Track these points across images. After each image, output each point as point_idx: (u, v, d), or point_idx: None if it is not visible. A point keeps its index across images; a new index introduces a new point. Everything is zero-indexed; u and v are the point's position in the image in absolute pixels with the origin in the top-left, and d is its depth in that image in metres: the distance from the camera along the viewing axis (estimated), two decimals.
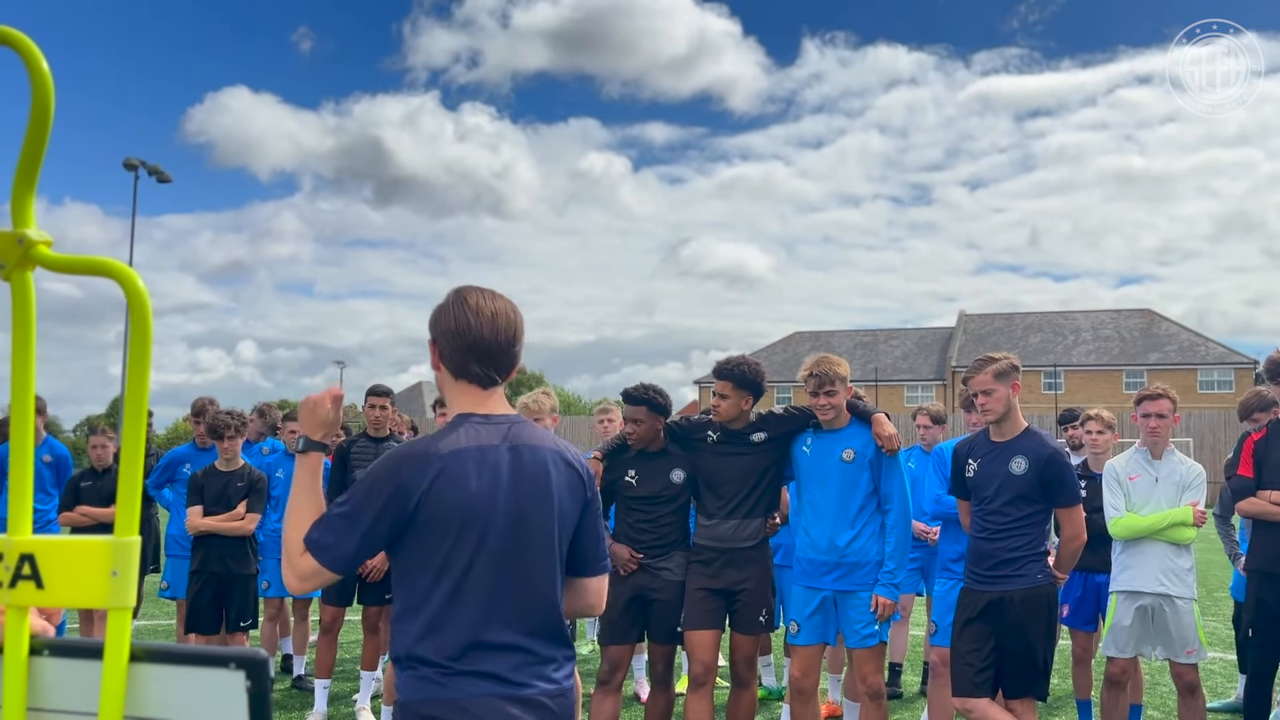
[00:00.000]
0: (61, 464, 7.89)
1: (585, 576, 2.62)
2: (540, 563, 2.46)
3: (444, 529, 2.38)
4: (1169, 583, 5.45)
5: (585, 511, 2.58)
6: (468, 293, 2.54)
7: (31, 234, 1.13)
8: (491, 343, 2.49)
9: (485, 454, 2.43)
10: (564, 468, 2.54)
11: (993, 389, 4.83)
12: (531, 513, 2.45)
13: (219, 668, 1.18)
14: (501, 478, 2.43)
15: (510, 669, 2.38)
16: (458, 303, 2.51)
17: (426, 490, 2.36)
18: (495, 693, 2.35)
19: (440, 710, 2.33)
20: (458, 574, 2.38)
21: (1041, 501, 4.79)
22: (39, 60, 1.10)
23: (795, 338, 69.13)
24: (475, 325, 2.48)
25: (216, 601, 6.47)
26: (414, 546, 2.40)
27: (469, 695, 2.33)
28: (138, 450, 1.14)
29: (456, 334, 2.49)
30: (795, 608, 5.21)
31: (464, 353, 2.49)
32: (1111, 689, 5.68)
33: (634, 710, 6.93)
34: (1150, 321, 63.85)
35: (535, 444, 2.51)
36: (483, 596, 2.38)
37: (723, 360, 5.26)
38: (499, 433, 2.48)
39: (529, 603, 2.44)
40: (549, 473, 2.49)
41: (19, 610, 1.19)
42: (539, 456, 2.49)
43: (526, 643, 2.41)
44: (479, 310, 2.49)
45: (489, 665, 2.36)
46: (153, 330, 1.13)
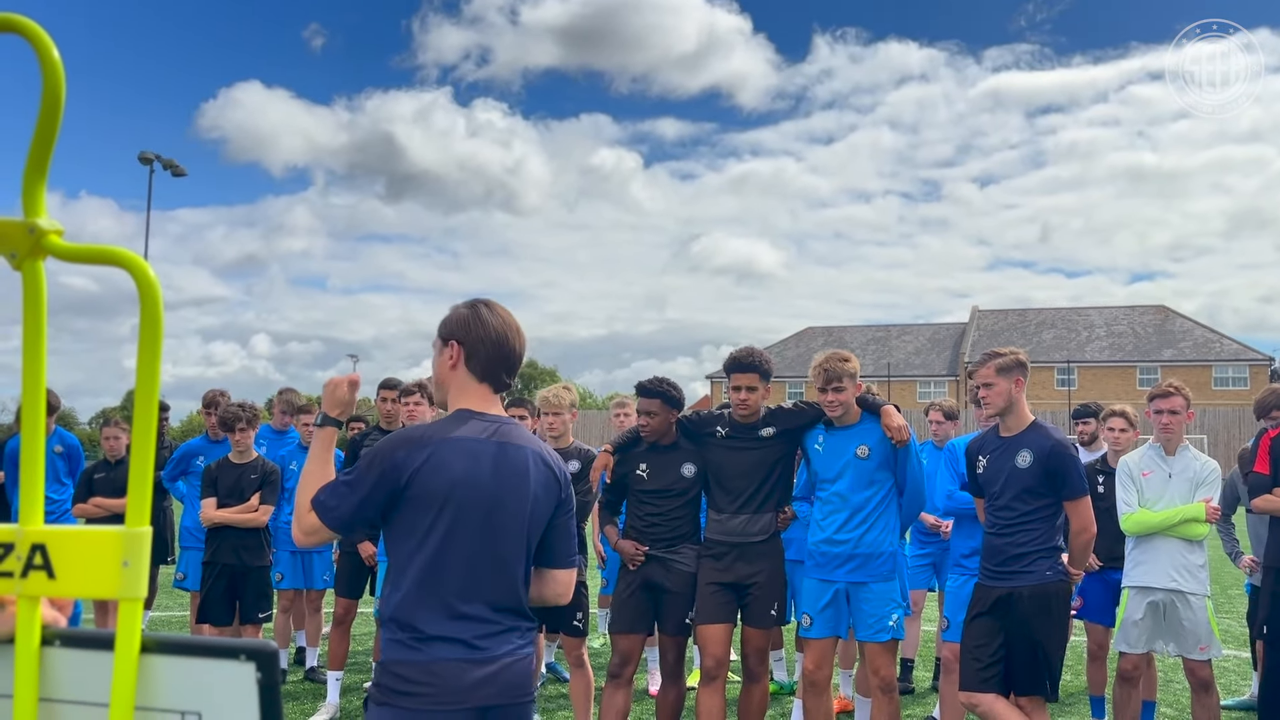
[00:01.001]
0: (73, 454, 7.93)
1: (554, 568, 2.90)
2: (511, 546, 2.75)
3: (428, 505, 2.67)
4: (1181, 578, 5.43)
5: (559, 509, 2.88)
6: (497, 306, 2.87)
7: (43, 223, 1.12)
8: (519, 355, 2.87)
9: (474, 445, 2.73)
10: (542, 467, 2.83)
11: (993, 382, 4.82)
12: (508, 502, 2.74)
13: (230, 659, 1.18)
14: (485, 467, 2.72)
15: (476, 636, 2.66)
16: (493, 315, 2.83)
17: (418, 469, 2.66)
18: (460, 657, 2.63)
19: (412, 672, 2.60)
20: (435, 546, 2.66)
21: (1049, 495, 4.77)
22: (50, 49, 1.10)
23: (808, 333, 69.03)
24: (510, 339, 2.83)
25: (230, 593, 6.49)
26: (402, 519, 2.69)
27: (438, 659, 2.61)
28: (149, 440, 1.13)
29: (494, 343, 2.81)
30: (807, 600, 5.20)
31: (497, 361, 2.82)
32: (1123, 685, 5.66)
33: (645, 704, 6.93)
34: (1164, 318, 63.54)
35: (519, 443, 2.81)
36: (457, 569, 2.67)
37: (742, 352, 5.23)
38: (490, 429, 2.78)
39: (498, 579, 2.72)
40: (528, 470, 2.78)
41: (30, 600, 1.19)
42: (521, 454, 2.79)
43: (492, 614, 2.70)
44: (508, 324, 2.85)
45: (458, 632, 2.64)
46: (163, 320, 1.12)
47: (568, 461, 5.82)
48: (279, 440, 7.87)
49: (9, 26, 1.11)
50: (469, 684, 2.60)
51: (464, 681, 2.60)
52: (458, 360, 2.81)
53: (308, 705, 6.85)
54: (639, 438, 5.41)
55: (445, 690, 2.58)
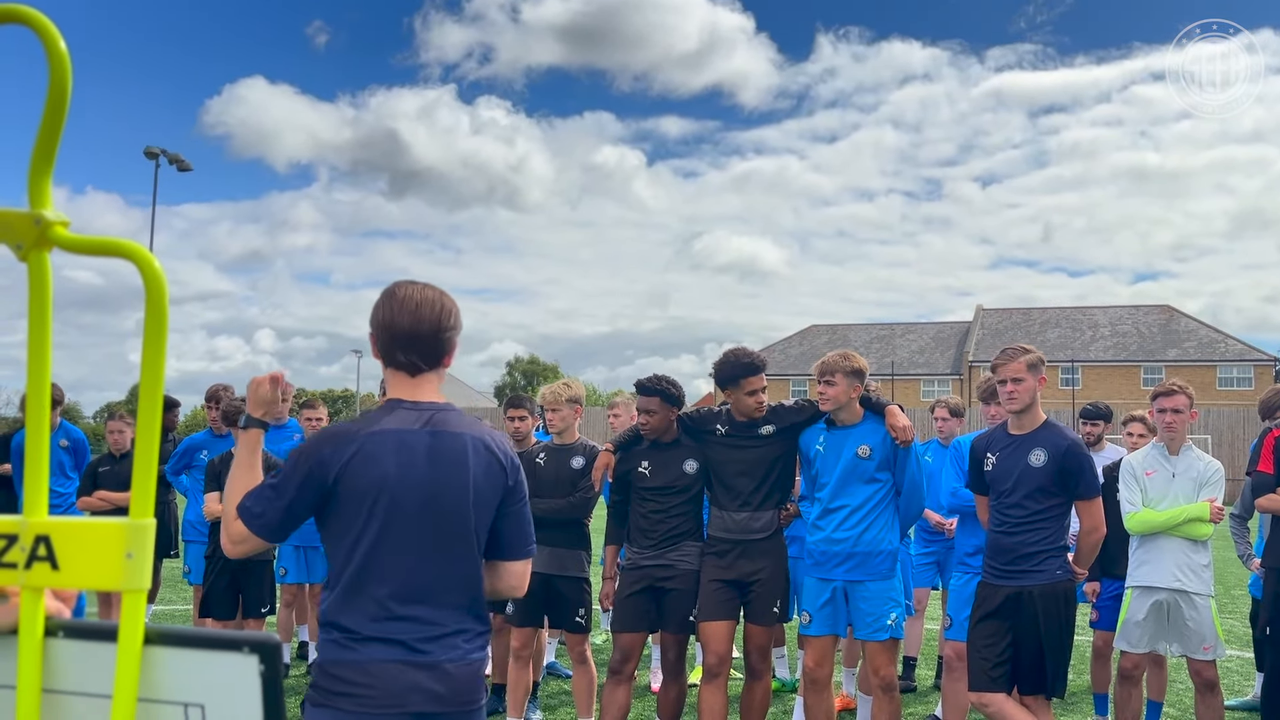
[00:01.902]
0: (79, 448, 7.94)
1: (506, 560, 2.76)
2: (451, 541, 2.61)
3: (359, 503, 2.56)
4: (1185, 578, 5.42)
5: (508, 498, 2.72)
6: (397, 286, 2.73)
7: (49, 214, 1.13)
8: (414, 332, 2.66)
9: (403, 436, 2.60)
10: (484, 454, 2.68)
11: (1023, 378, 4.81)
12: (444, 494, 2.60)
13: (232, 652, 1.18)
14: (417, 459, 2.59)
15: (416, 638, 2.53)
16: (387, 296, 2.71)
17: (345, 466, 2.55)
18: (398, 659, 2.51)
19: (346, 672, 2.49)
20: (368, 546, 2.55)
21: (1061, 494, 4.76)
22: (56, 40, 1.10)
23: (812, 331, 68.97)
24: (399, 316, 2.66)
25: (233, 587, 6.50)
26: (334, 518, 2.59)
27: (373, 660, 2.49)
28: (153, 432, 1.13)
29: (383, 325, 2.68)
30: (807, 598, 5.21)
31: (390, 342, 2.68)
32: (1124, 684, 5.65)
33: (646, 700, 6.93)
34: (1169, 318, 63.40)
35: (456, 430, 2.66)
36: (391, 568, 2.55)
37: (741, 353, 5.23)
38: (421, 418, 2.64)
39: (438, 577, 2.59)
40: (466, 457, 2.63)
41: (34, 591, 1.19)
42: (458, 442, 2.64)
43: (434, 614, 2.57)
44: (404, 301, 2.67)
45: (396, 633, 2.52)
46: (168, 311, 1.12)
47: (573, 458, 5.82)
48: (279, 433, 7.87)
49: (16, 18, 1.11)
50: (406, 687, 2.49)
51: (401, 684, 2.49)
52: (373, 348, 2.74)
53: None
54: (640, 436, 5.41)
55: (382, 692, 2.47)
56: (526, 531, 2.79)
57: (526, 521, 2.79)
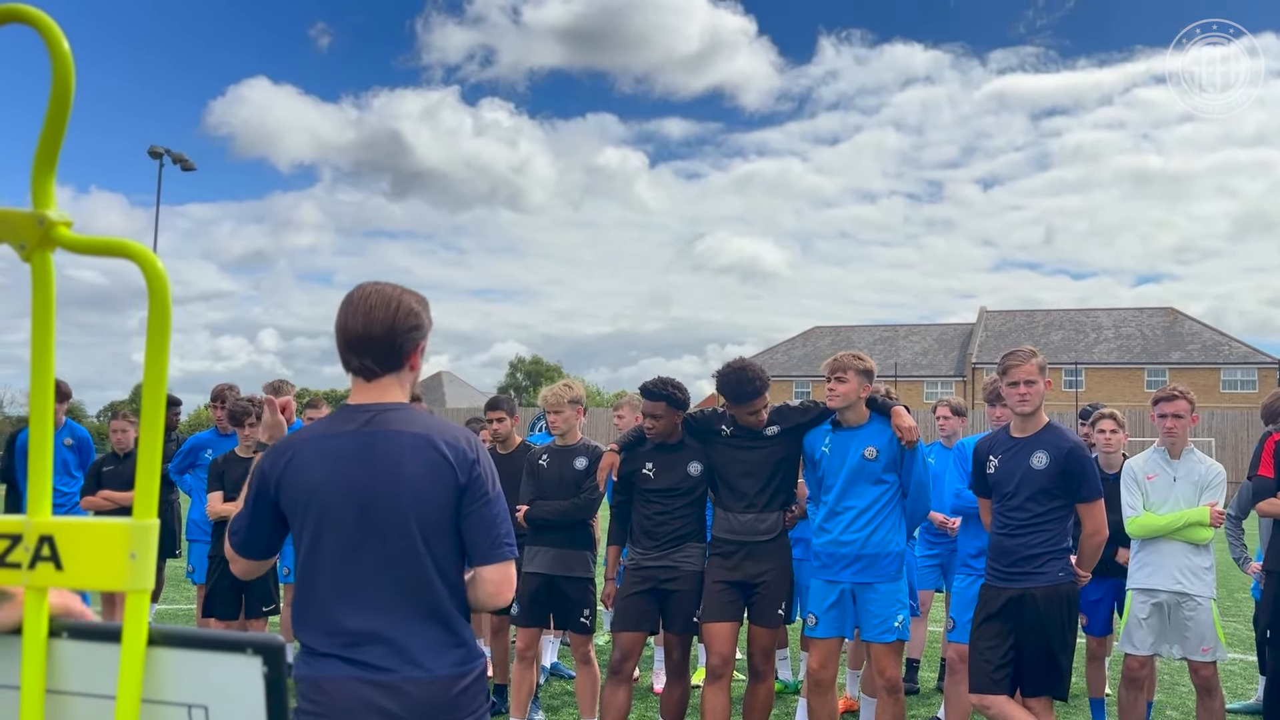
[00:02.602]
0: (83, 446, 7.95)
1: (478, 566, 2.52)
2: (397, 548, 2.43)
3: (294, 514, 2.48)
4: (1187, 581, 5.42)
5: (463, 498, 2.48)
6: (357, 287, 2.58)
7: (52, 215, 1.12)
8: (366, 334, 2.51)
9: (337, 441, 2.48)
10: (427, 452, 2.46)
11: (1035, 380, 4.82)
12: (382, 497, 2.43)
13: (236, 653, 1.18)
14: (346, 463, 2.45)
15: (372, 654, 2.38)
16: (345, 299, 2.58)
17: (280, 477, 2.48)
18: (354, 676, 2.36)
19: (306, 688, 2.40)
20: (304, 558, 2.47)
21: (1063, 497, 4.76)
22: (60, 40, 1.09)
23: (815, 332, 68.94)
24: (351, 319, 2.53)
25: (236, 587, 6.50)
26: (290, 530, 2.54)
27: (329, 677, 2.38)
28: (156, 432, 1.13)
29: (338, 329, 2.56)
30: (814, 600, 5.20)
31: (345, 347, 2.55)
32: (1130, 687, 5.64)
33: (650, 701, 6.93)
34: (1173, 320, 63.31)
35: (395, 429, 2.48)
36: (336, 578, 2.43)
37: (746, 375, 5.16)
38: (359, 420, 2.50)
39: (388, 587, 2.42)
40: (404, 458, 2.45)
41: (38, 592, 1.19)
42: (395, 442, 2.46)
43: (389, 628, 2.40)
44: (357, 303, 2.53)
45: (350, 649, 2.39)
46: (171, 311, 1.12)
47: (576, 459, 5.81)
48: None
49: (19, 17, 1.11)
50: (363, 706, 2.33)
51: (355, 702, 2.34)
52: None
53: None
54: (644, 437, 5.41)
55: (334, 710, 2.34)
56: (495, 533, 2.51)
57: (493, 523, 2.51)
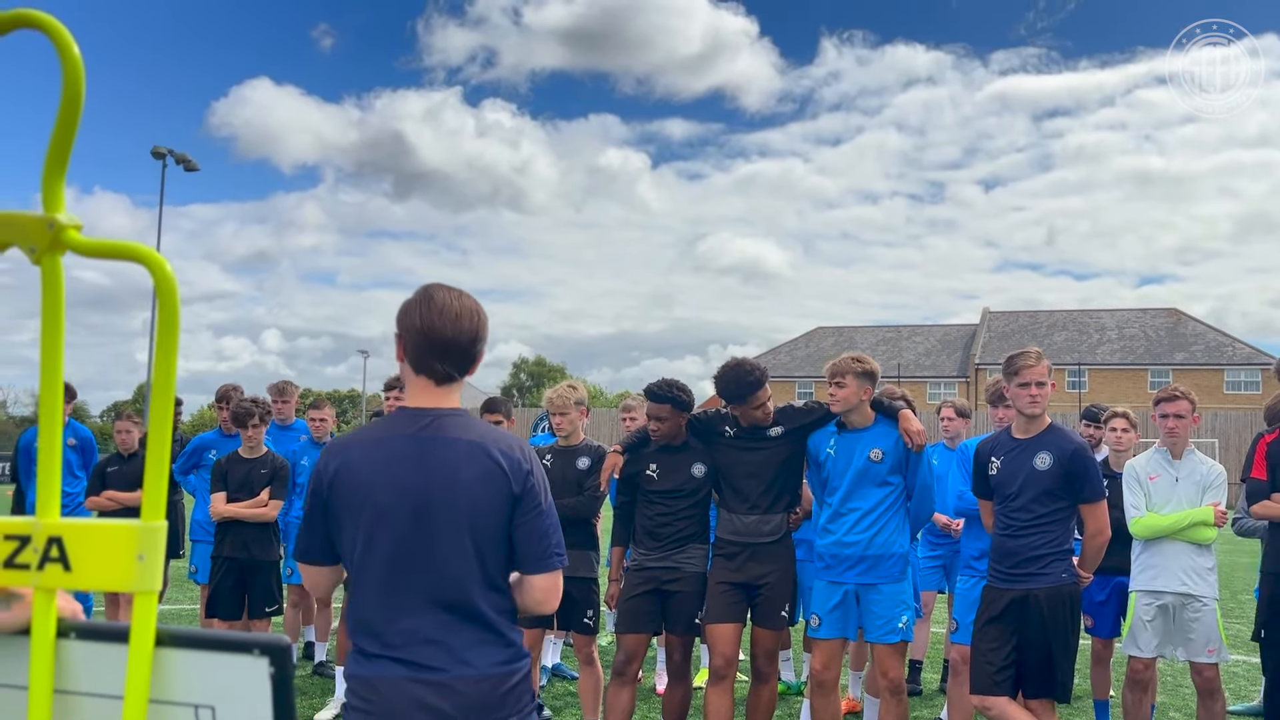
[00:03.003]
0: (86, 447, 7.96)
1: (528, 574, 2.57)
2: (452, 551, 2.47)
3: (346, 515, 2.50)
4: (1191, 582, 5.42)
5: (516, 507, 2.53)
6: (435, 290, 2.59)
7: (62, 218, 1.13)
8: (453, 341, 2.54)
9: (394, 444, 2.51)
10: (483, 460, 2.51)
11: (1046, 381, 4.81)
12: (438, 502, 2.47)
13: (243, 654, 1.18)
14: (406, 467, 2.48)
15: (423, 654, 2.44)
16: (424, 300, 2.57)
17: (333, 478, 2.51)
18: (406, 676, 2.42)
19: (358, 688, 2.46)
20: (358, 559, 2.50)
21: (1066, 498, 4.76)
22: (70, 45, 1.10)
23: (818, 333, 68.89)
24: (439, 323, 2.53)
25: (239, 587, 6.51)
26: (336, 531, 2.55)
27: (381, 676, 2.44)
28: (165, 435, 1.14)
29: (421, 331, 2.54)
30: (817, 601, 5.20)
31: (426, 349, 2.55)
32: (1134, 689, 5.63)
33: (652, 702, 6.93)
34: (1177, 321, 63.22)
35: (452, 435, 2.52)
36: (389, 581, 2.47)
37: (743, 370, 5.18)
38: (417, 425, 2.53)
39: (443, 589, 2.47)
40: (458, 464, 2.49)
41: (47, 593, 1.20)
42: (452, 448, 2.50)
43: (440, 629, 2.45)
44: (444, 309, 2.55)
45: (402, 650, 2.44)
46: (180, 316, 1.13)
47: (578, 459, 5.82)
48: (286, 433, 7.87)
49: (30, 23, 1.11)
50: (414, 705, 2.39)
51: (409, 703, 2.40)
52: (400, 352, 2.62)
53: (316, 700, 6.87)
54: (648, 438, 5.41)
55: (388, 711, 2.40)
56: (547, 543, 2.57)
57: (545, 532, 2.57)
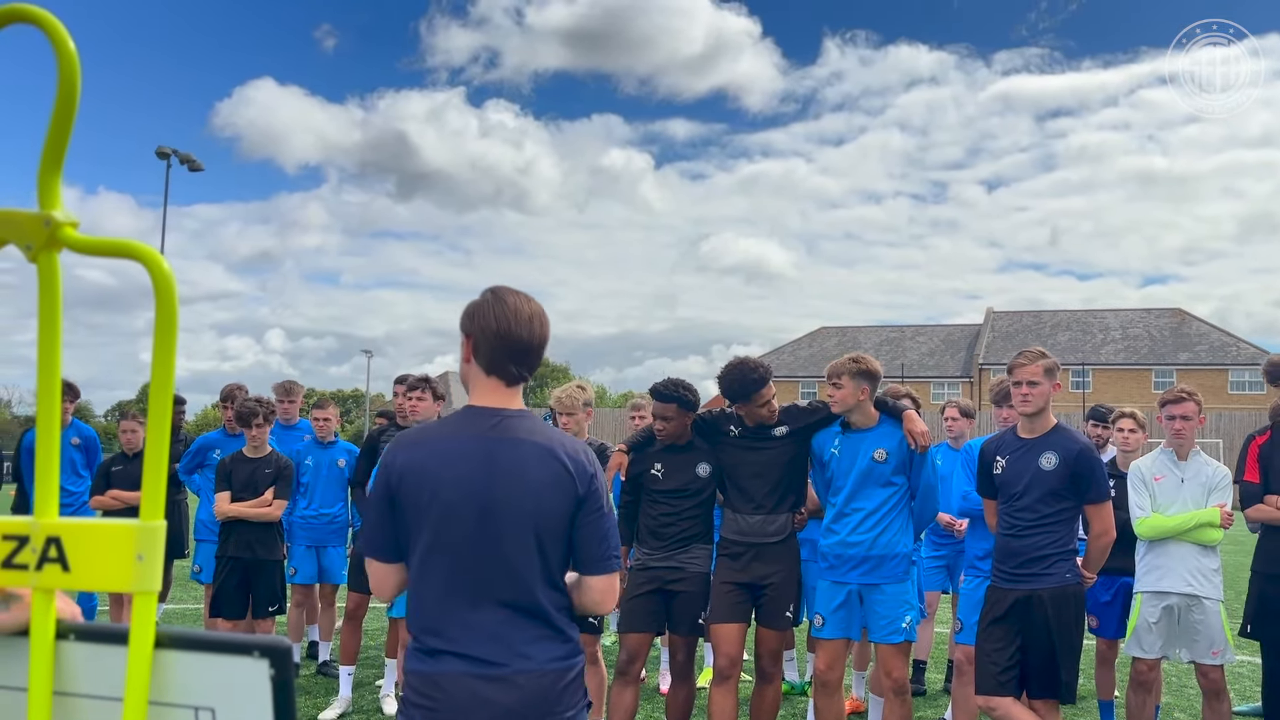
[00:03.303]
0: (90, 446, 7.96)
1: (587, 575, 2.63)
2: (518, 550, 2.52)
3: (413, 511, 2.53)
4: (1196, 583, 5.40)
5: (580, 509, 2.59)
6: (505, 294, 2.65)
7: (58, 215, 1.12)
8: (527, 344, 2.61)
9: (464, 443, 2.55)
10: (551, 463, 2.57)
11: (1039, 382, 4.80)
12: (505, 502, 2.51)
13: (243, 656, 1.17)
14: (474, 466, 2.52)
15: (485, 650, 2.48)
16: (498, 303, 2.62)
17: (401, 474, 2.54)
18: (468, 671, 2.46)
19: (420, 684, 2.49)
20: (423, 555, 2.53)
21: (1071, 498, 4.75)
22: (65, 40, 1.09)
23: (821, 333, 68.86)
24: (514, 327, 2.59)
25: (243, 587, 6.51)
26: (404, 528, 2.56)
27: (443, 673, 2.47)
28: (163, 434, 1.13)
29: (498, 334, 2.59)
30: (821, 601, 5.19)
31: (501, 351, 2.60)
32: (1138, 690, 5.62)
33: (655, 702, 6.92)
34: (1181, 321, 63.13)
35: (519, 437, 2.57)
36: (454, 578, 2.51)
37: (746, 367, 5.17)
38: (487, 425, 2.58)
39: (508, 587, 2.52)
40: (528, 466, 2.54)
41: (45, 593, 1.19)
42: (519, 450, 2.55)
43: (502, 626, 2.50)
44: (518, 312, 2.61)
45: (464, 645, 2.48)
46: (178, 311, 1.12)
47: None
48: (290, 433, 7.87)
49: (25, 17, 1.10)
50: (476, 700, 2.44)
51: (470, 698, 2.45)
52: (469, 353, 2.64)
53: (320, 700, 6.87)
54: (653, 437, 5.40)
55: (450, 706, 2.45)
56: (607, 546, 2.64)
57: (605, 535, 2.64)
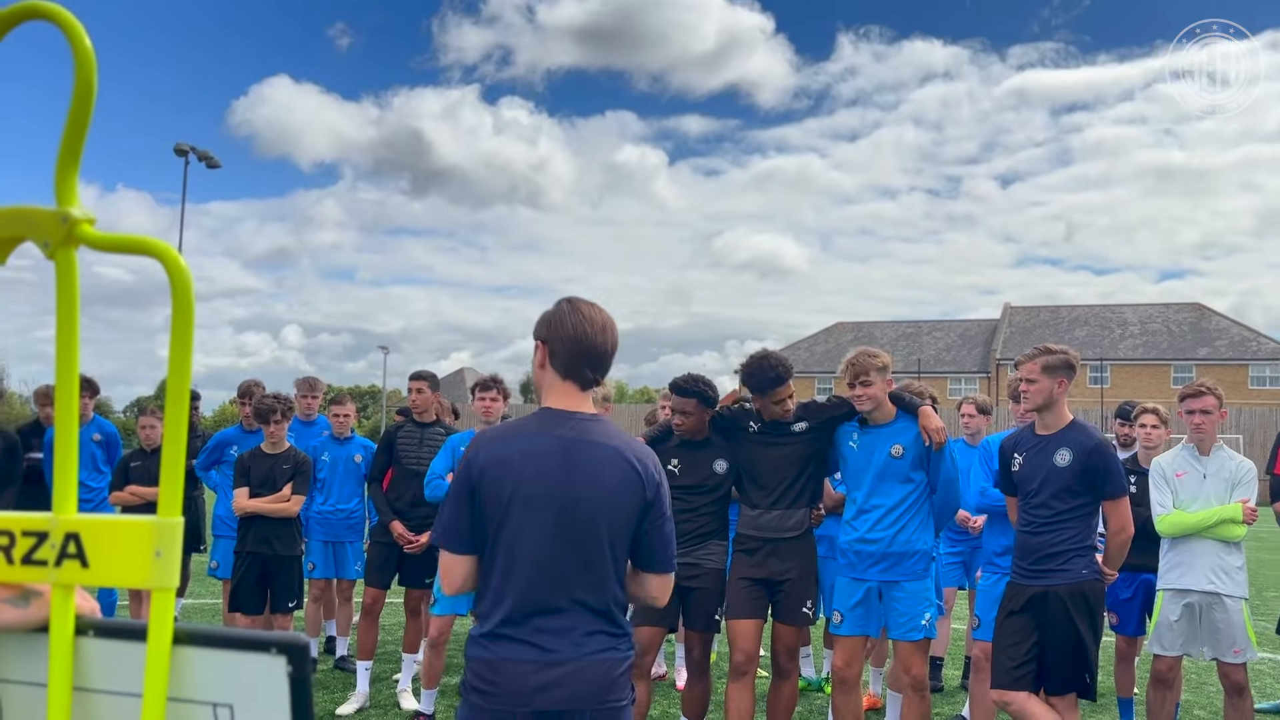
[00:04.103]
0: (111, 442, 8.01)
1: (648, 572, 2.81)
2: (590, 547, 2.67)
3: (494, 506, 2.67)
4: (1219, 581, 5.34)
5: (648, 512, 2.75)
6: (581, 304, 2.83)
7: (75, 212, 1.12)
8: (603, 351, 2.80)
9: (545, 443, 2.70)
10: (624, 466, 2.73)
11: (1036, 379, 4.78)
12: (582, 501, 2.66)
13: (260, 652, 1.17)
14: (552, 466, 2.67)
15: (547, 639, 2.63)
16: (574, 313, 2.80)
17: (484, 468, 2.68)
18: (527, 658, 2.62)
19: (481, 669, 2.65)
20: (505, 547, 2.67)
21: (1087, 494, 4.71)
22: (81, 36, 1.09)
23: (837, 328, 68.68)
24: (592, 334, 2.77)
25: (261, 582, 6.54)
26: (482, 521, 2.70)
27: (504, 659, 2.63)
28: (180, 430, 1.13)
29: (575, 340, 2.76)
30: (840, 598, 5.17)
31: (579, 357, 2.77)
32: (1158, 688, 5.58)
33: (672, 698, 6.92)
34: (1200, 316, 62.69)
35: (594, 440, 2.72)
36: (526, 570, 2.65)
37: (769, 364, 5.16)
38: (565, 426, 2.73)
39: (577, 581, 2.66)
40: (602, 468, 2.70)
41: (64, 589, 1.19)
42: (595, 453, 2.71)
43: (567, 616, 2.65)
44: (592, 321, 2.79)
45: (527, 633, 2.63)
46: (194, 308, 1.12)
47: None
48: (306, 430, 7.89)
49: (41, 14, 1.10)
50: (533, 686, 2.59)
51: (528, 684, 2.59)
52: (544, 359, 2.80)
53: (338, 695, 6.90)
54: (670, 432, 5.39)
55: (508, 691, 2.60)
56: (669, 548, 2.83)
57: (668, 538, 2.83)
